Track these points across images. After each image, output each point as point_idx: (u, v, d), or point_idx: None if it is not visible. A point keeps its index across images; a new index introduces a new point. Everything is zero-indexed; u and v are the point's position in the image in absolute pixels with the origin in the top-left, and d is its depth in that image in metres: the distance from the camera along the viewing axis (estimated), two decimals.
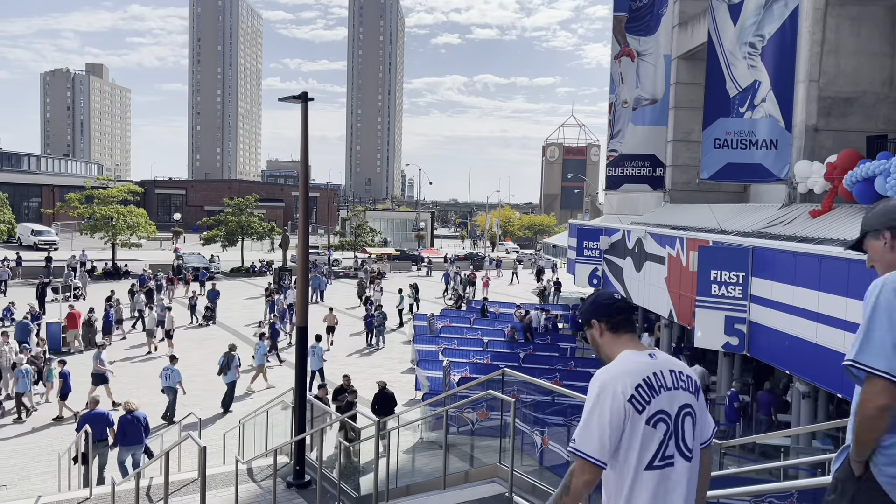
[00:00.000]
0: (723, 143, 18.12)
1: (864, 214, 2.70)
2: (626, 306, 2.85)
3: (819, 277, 11.55)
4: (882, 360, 2.27)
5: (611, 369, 2.70)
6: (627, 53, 26.37)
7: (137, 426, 11.82)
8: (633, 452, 2.59)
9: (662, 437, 2.63)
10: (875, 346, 2.32)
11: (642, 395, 2.60)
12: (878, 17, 16.72)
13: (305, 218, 11.30)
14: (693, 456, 2.72)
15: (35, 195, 75.80)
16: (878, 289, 2.45)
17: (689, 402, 2.73)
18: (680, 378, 2.72)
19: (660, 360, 2.73)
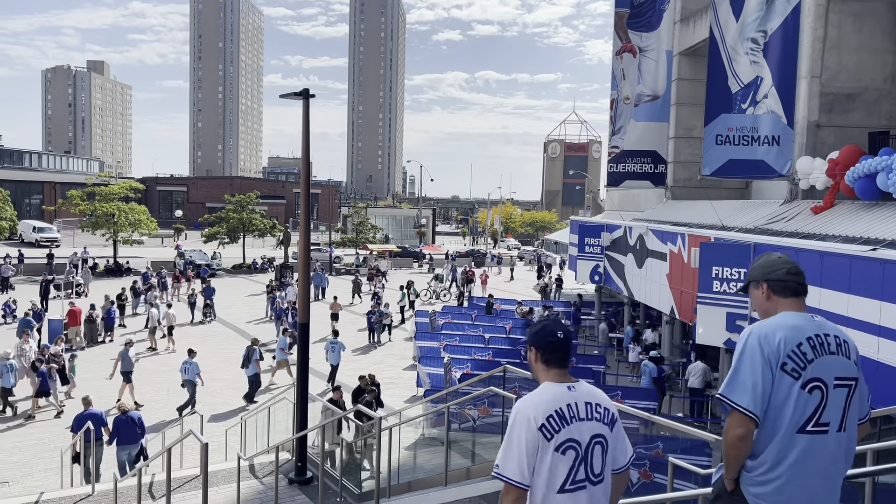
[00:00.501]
0: (725, 140, 18.09)
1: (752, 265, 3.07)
2: (564, 345, 3.05)
3: (821, 274, 11.53)
4: (743, 398, 2.70)
5: (528, 399, 2.96)
6: (629, 49, 26.33)
7: (132, 426, 11.84)
8: (542, 476, 2.84)
9: (572, 464, 2.86)
10: (739, 385, 2.73)
11: (552, 425, 2.85)
12: (880, 13, 16.68)
13: (307, 215, 11.31)
14: (602, 479, 2.96)
15: (37, 192, 75.83)
16: (747, 335, 2.79)
17: (602, 432, 2.96)
18: (595, 410, 2.97)
19: (578, 392, 2.97)
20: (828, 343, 2.78)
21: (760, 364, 2.70)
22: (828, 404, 2.73)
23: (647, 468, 8.34)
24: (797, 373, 2.70)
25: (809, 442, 2.70)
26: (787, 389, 2.70)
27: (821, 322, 2.84)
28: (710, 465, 7.31)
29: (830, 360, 2.74)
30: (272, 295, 30.69)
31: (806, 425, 2.70)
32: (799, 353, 2.71)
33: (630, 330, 23.72)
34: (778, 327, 2.76)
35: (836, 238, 12.98)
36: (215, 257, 46.48)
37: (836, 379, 2.75)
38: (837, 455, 2.78)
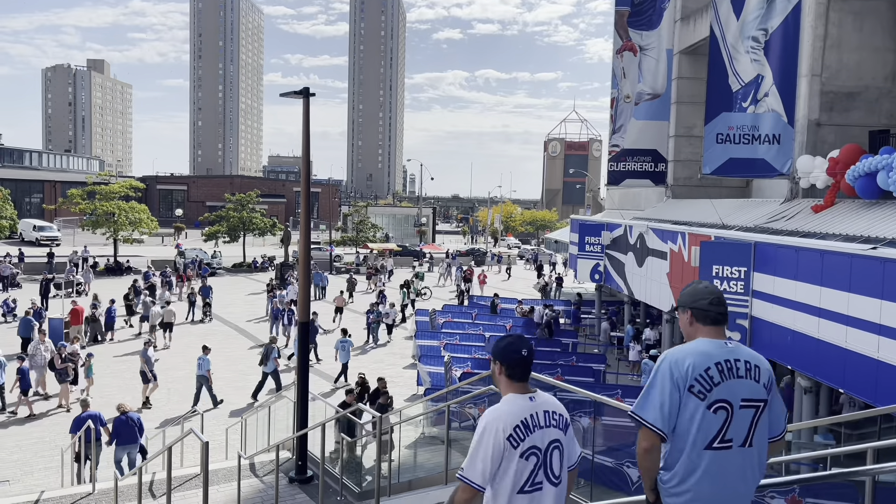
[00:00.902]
0: (725, 138, 18.08)
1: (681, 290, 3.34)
2: (528, 361, 3.34)
3: (821, 273, 11.53)
4: (650, 414, 3.00)
5: (496, 410, 3.28)
6: (629, 48, 26.32)
7: (131, 426, 11.97)
8: (508, 479, 3.17)
9: (533, 468, 3.20)
10: (648, 404, 3.02)
11: (518, 434, 3.17)
12: (880, 11, 16.66)
13: (307, 213, 11.31)
14: (560, 481, 3.32)
15: (37, 191, 75.83)
16: (661, 360, 3.09)
17: (558, 437, 3.31)
18: (552, 417, 3.31)
19: (538, 402, 3.31)
20: (737, 368, 3.03)
21: (669, 386, 2.99)
22: (732, 423, 2.99)
23: None
24: (703, 394, 2.97)
25: (715, 457, 2.98)
26: (693, 409, 2.97)
27: (734, 348, 3.10)
28: None
29: (738, 384, 3.00)
30: (272, 294, 30.69)
31: (712, 442, 2.98)
32: (706, 377, 2.97)
33: (630, 328, 23.73)
34: (688, 354, 3.04)
35: (836, 237, 12.98)
36: (215, 256, 46.47)
37: (742, 400, 3.01)
38: (744, 468, 3.05)
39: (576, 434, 3.44)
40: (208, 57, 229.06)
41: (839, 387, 11.23)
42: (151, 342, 18.66)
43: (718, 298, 3.15)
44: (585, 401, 8.17)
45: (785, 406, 3.22)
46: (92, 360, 18.40)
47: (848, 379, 10.88)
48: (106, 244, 45.21)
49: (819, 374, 11.78)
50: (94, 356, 18.72)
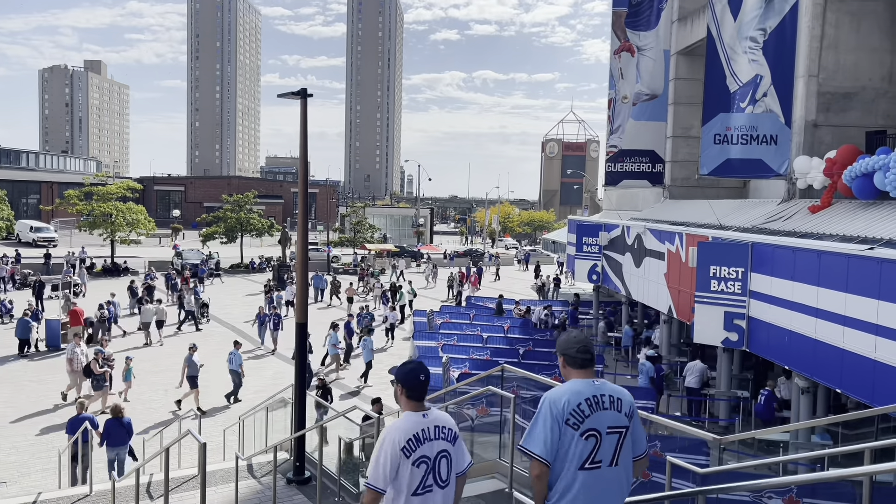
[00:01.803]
0: (723, 139, 18.10)
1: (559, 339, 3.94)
2: (425, 385, 3.99)
3: (818, 273, 11.55)
4: (536, 447, 3.60)
5: (394, 425, 3.89)
6: (627, 48, 26.33)
7: (121, 429, 12.29)
8: (404, 483, 3.80)
9: (423, 474, 3.85)
10: (534, 438, 3.62)
11: (410, 446, 3.81)
12: (877, 12, 16.68)
13: (305, 214, 11.29)
14: (448, 484, 3.95)
15: (34, 192, 75.68)
16: (543, 399, 3.68)
17: (447, 448, 3.94)
18: (441, 431, 3.94)
19: (430, 418, 3.94)
20: (602, 402, 3.66)
21: (550, 422, 3.59)
22: (601, 447, 3.62)
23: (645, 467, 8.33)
24: (577, 425, 3.59)
25: (587, 475, 3.60)
26: (570, 438, 3.59)
27: (600, 385, 3.72)
28: (708, 463, 7.32)
29: (604, 415, 3.63)
30: (270, 295, 30.66)
31: (584, 464, 3.59)
32: (578, 411, 3.60)
33: (628, 329, 23.73)
34: (564, 393, 3.66)
35: (833, 237, 12.99)
36: (212, 257, 46.34)
37: (608, 428, 3.64)
38: (612, 483, 3.68)
39: None
40: (206, 58, 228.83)
41: (836, 387, 11.25)
42: (196, 347, 18.39)
43: (584, 346, 3.76)
44: None
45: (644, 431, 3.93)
46: (131, 362, 18.16)
47: (845, 379, 10.90)
48: (103, 245, 45.14)
49: (816, 374, 11.79)
50: (133, 359, 18.46)
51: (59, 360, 22.12)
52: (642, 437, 3.84)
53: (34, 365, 21.50)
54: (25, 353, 22.43)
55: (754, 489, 7.06)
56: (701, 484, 5.17)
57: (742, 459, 8.60)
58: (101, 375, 17.06)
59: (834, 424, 10.64)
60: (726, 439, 6.69)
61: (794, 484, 6.95)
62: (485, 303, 31.16)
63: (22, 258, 41.43)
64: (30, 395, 18.35)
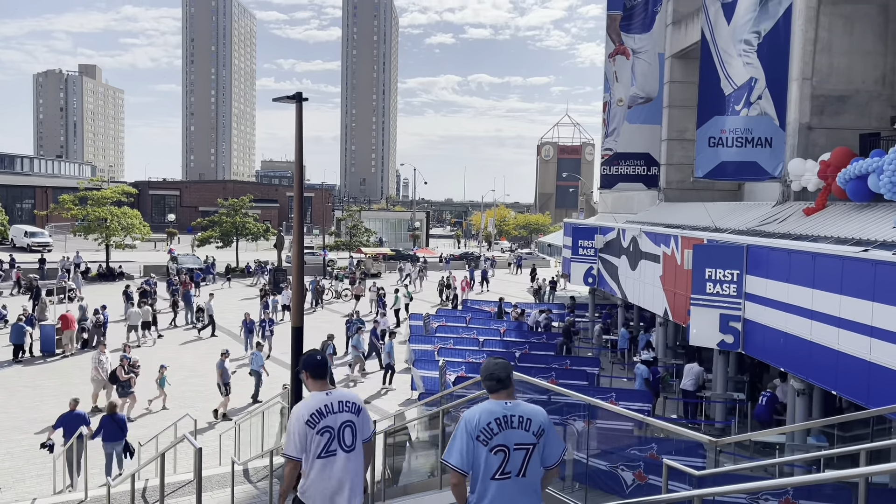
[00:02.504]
0: (717, 142, 18.15)
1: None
2: (323, 365, 4.82)
3: (813, 275, 11.58)
4: (455, 459, 4.14)
5: (300, 403, 4.74)
6: (622, 52, 26.40)
7: (114, 425, 12.91)
8: (311, 449, 4.63)
9: (328, 440, 4.65)
10: (453, 451, 4.17)
11: (314, 419, 4.62)
12: (871, 15, 16.77)
13: (300, 218, 11.29)
14: (352, 448, 4.74)
15: (28, 197, 75.47)
16: (461, 417, 4.25)
17: (351, 418, 4.75)
18: (345, 405, 4.75)
19: (333, 395, 4.75)
20: (512, 421, 4.18)
21: (466, 437, 4.14)
22: (509, 461, 4.14)
23: (641, 470, 8.33)
24: (486, 441, 4.12)
25: (499, 485, 4.15)
26: (482, 452, 4.12)
27: (512, 406, 4.23)
28: (705, 466, 7.32)
29: (512, 433, 4.15)
30: (265, 300, 30.58)
31: (495, 474, 4.13)
32: (488, 429, 4.14)
33: (625, 332, 23.75)
34: (478, 412, 4.21)
35: (827, 239, 13.03)
36: (207, 261, 46.19)
37: (515, 444, 4.15)
38: (522, 491, 4.20)
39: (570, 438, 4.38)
40: (201, 62, 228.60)
41: (832, 389, 11.27)
42: (228, 353, 18.22)
43: (492, 374, 4.31)
44: (580, 404, 8.16)
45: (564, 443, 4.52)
46: (166, 371, 17.91)
47: (840, 381, 10.92)
48: (98, 250, 45.00)
49: (812, 376, 11.82)
50: (167, 367, 18.22)
51: (54, 366, 22.06)
52: (554, 451, 4.33)
53: (28, 370, 21.41)
54: (20, 359, 22.34)
55: (750, 491, 7.07)
56: (697, 486, 5.18)
57: (738, 462, 8.61)
58: (127, 381, 16.89)
59: (829, 426, 10.66)
60: (722, 441, 6.69)
61: (790, 486, 6.96)
62: (481, 306, 31.14)
63: (17, 263, 41.29)
64: (23, 400, 18.27)
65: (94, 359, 17.95)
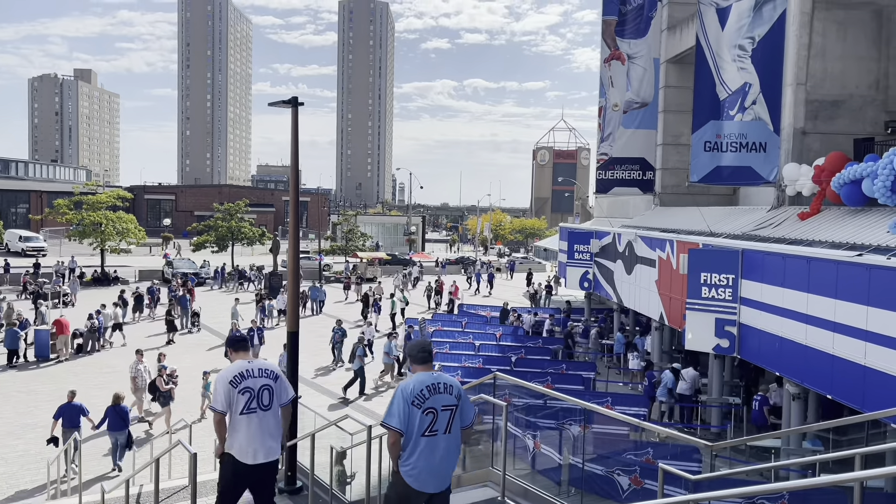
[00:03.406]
0: (712, 146, 18.21)
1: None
2: (243, 338, 6.12)
3: (808, 279, 11.61)
4: (392, 421, 5.04)
5: (226, 368, 5.88)
6: (617, 57, 26.47)
7: (117, 416, 13.78)
8: (234, 406, 5.67)
9: (248, 399, 5.69)
10: (392, 414, 5.05)
11: (236, 380, 5.69)
12: (864, 21, 16.86)
13: (296, 222, 11.27)
14: (271, 408, 5.78)
15: (23, 201, 75.23)
16: (398, 387, 5.17)
17: (269, 383, 5.79)
18: (264, 372, 5.82)
19: (254, 364, 5.85)
20: (438, 388, 5.13)
21: (402, 403, 5.04)
22: (437, 420, 5.09)
23: (637, 474, 8.33)
24: (419, 405, 5.05)
25: (428, 440, 5.08)
26: (416, 414, 5.04)
27: (438, 376, 5.22)
28: (700, 470, 7.32)
29: (439, 397, 5.11)
30: (261, 304, 30.53)
31: (425, 432, 5.06)
32: (420, 395, 5.07)
33: (620, 336, 23.76)
34: (412, 382, 5.14)
35: (822, 244, 13.08)
36: (204, 265, 46.06)
37: (442, 406, 5.11)
38: (445, 446, 5.16)
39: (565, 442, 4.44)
40: (196, 66, 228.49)
41: (827, 393, 11.29)
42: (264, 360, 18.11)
43: (423, 348, 5.31)
44: (575, 409, 8.16)
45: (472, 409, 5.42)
46: (209, 377, 17.46)
47: (835, 385, 10.94)
48: (93, 254, 44.87)
49: (807, 380, 11.84)
50: (210, 373, 17.85)
51: (48, 371, 21.97)
52: (469, 413, 5.34)
53: (23, 375, 21.32)
54: (14, 364, 22.25)
55: (746, 496, 7.07)
56: (693, 491, 5.18)
57: (734, 466, 8.61)
58: (168, 392, 16.61)
59: (825, 430, 10.67)
60: (718, 446, 6.70)
61: (785, 490, 6.95)
62: (477, 310, 31.13)
63: (11, 268, 41.15)
64: (18, 405, 18.19)
65: (132, 368, 17.56)
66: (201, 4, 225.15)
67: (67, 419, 13.56)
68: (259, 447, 5.70)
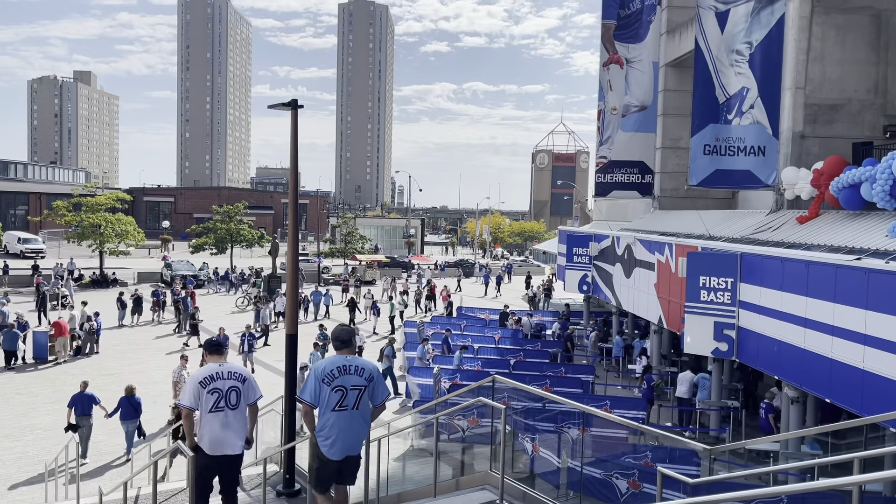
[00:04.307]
0: (711, 150, 18.23)
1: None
2: (218, 343, 6.65)
3: (806, 283, 11.62)
4: (307, 396, 5.92)
5: (198, 370, 6.76)
6: (616, 61, 26.51)
7: (130, 406, 14.85)
8: (204, 405, 6.24)
9: (216, 399, 6.25)
10: (307, 391, 5.93)
11: (205, 381, 6.26)
12: (863, 25, 16.91)
13: (295, 225, 11.27)
14: (237, 407, 6.36)
15: (22, 203, 75.20)
16: (313, 367, 6.15)
17: (237, 384, 6.36)
18: (233, 375, 6.38)
19: (224, 367, 6.42)
20: (349, 369, 5.94)
21: (314, 380, 5.89)
22: (347, 397, 5.91)
23: (636, 478, 8.33)
24: (329, 383, 5.87)
25: (338, 415, 5.91)
26: (326, 391, 5.87)
27: (351, 359, 6.02)
28: (699, 474, 7.32)
29: (349, 377, 5.92)
30: (258, 307, 30.50)
31: (335, 407, 5.88)
32: (330, 374, 5.88)
33: (619, 339, 23.76)
34: (325, 363, 5.97)
35: (821, 248, 13.09)
36: (203, 268, 46.00)
37: (352, 386, 5.92)
38: (355, 420, 5.99)
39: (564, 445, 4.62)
40: (196, 68, 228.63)
41: (826, 396, 11.29)
42: (307, 366, 17.86)
43: (337, 337, 6.09)
44: (574, 412, 8.16)
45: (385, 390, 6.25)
46: None
47: (834, 389, 10.95)
48: (92, 256, 44.83)
49: (805, 384, 11.85)
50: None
51: (46, 373, 21.95)
52: (380, 394, 6.13)
53: (21, 377, 21.30)
54: (12, 366, 22.22)
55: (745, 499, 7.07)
56: (691, 494, 5.17)
57: (732, 470, 8.61)
58: None
59: (823, 434, 10.67)
60: (717, 449, 6.70)
61: (784, 494, 6.95)
62: (476, 313, 31.13)
63: (10, 270, 41.10)
64: (16, 407, 18.16)
65: (175, 373, 17.46)
66: (201, 7, 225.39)
67: (80, 408, 14.59)
68: (225, 442, 6.29)
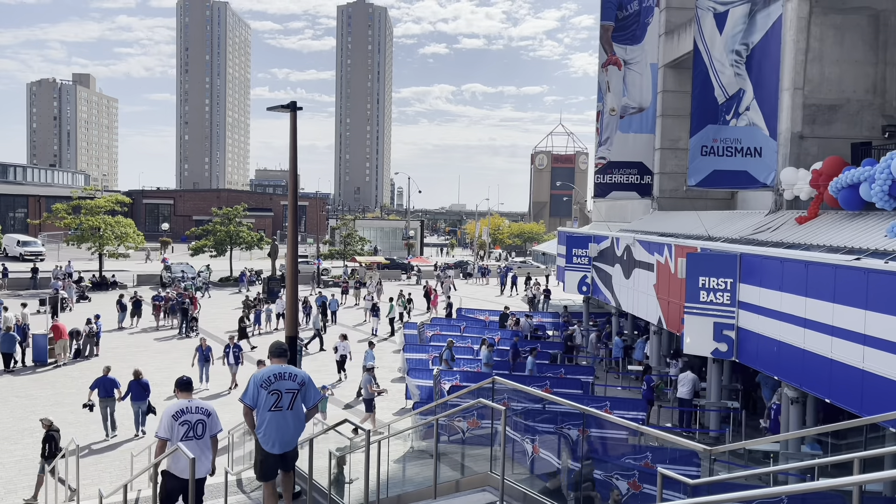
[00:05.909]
0: (710, 151, 18.25)
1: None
2: (188, 382, 7.65)
3: (806, 283, 11.62)
4: (247, 398, 6.94)
5: (170, 404, 7.35)
6: (614, 62, 26.53)
7: (139, 388, 16.29)
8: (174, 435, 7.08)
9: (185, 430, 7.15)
10: (247, 395, 6.94)
11: (177, 414, 7.19)
12: (861, 25, 16.92)
13: (294, 227, 11.28)
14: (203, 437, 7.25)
15: (21, 206, 75.19)
16: (253, 375, 7.06)
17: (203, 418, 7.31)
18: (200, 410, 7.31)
19: (193, 402, 7.34)
20: (284, 375, 6.92)
21: (254, 385, 6.86)
22: (282, 399, 6.85)
23: (636, 479, 8.32)
24: (265, 387, 6.83)
25: (273, 415, 6.83)
26: (263, 394, 6.82)
27: (286, 367, 7.04)
28: (699, 474, 7.32)
29: (283, 382, 6.89)
30: (257, 309, 30.52)
31: (271, 408, 6.82)
32: (268, 380, 6.86)
33: (619, 341, 23.76)
34: (264, 371, 6.96)
35: (820, 248, 13.10)
36: (203, 270, 45.94)
37: (286, 389, 6.89)
38: (289, 420, 6.92)
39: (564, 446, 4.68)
40: (195, 71, 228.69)
41: (825, 397, 11.29)
42: (375, 367, 17.78)
43: (277, 349, 7.23)
44: (574, 413, 8.16)
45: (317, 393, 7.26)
46: (327, 391, 16.52)
47: (834, 389, 10.95)
48: (91, 259, 44.82)
49: (805, 384, 11.85)
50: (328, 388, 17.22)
51: (45, 376, 21.92)
52: (312, 396, 7.07)
53: (20, 380, 21.28)
54: (11, 369, 22.20)
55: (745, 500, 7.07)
56: (692, 495, 5.17)
57: (732, 470, 8.61)
58: None
59: (823, 434, 10.66)
60: (717, 450, 6.69)
61: (784, 494, 6.95)
62: (475, 315, 31.10)
63: (9, 272, 41.09)
64: (15, 410, 18.15)
65: None
66: (200, 10, 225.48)
67: (103, 389, 16.16)
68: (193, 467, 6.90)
